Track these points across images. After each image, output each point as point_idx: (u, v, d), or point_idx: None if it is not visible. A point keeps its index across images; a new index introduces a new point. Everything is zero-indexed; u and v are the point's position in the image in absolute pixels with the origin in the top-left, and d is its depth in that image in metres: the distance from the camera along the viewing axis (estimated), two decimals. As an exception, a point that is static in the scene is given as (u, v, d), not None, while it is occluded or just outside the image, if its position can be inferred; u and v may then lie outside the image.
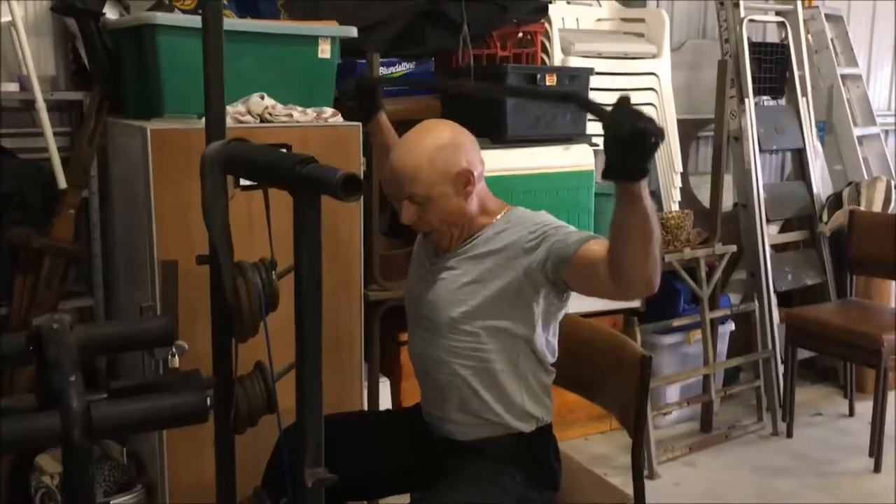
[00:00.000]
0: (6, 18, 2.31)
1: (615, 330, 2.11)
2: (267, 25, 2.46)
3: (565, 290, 1.74)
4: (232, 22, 2.41)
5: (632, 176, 1.38)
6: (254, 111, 2.31)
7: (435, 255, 1.83)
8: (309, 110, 2.43)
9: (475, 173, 1.74)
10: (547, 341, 1.80)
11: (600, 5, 3.55)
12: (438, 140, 1.73)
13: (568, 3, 3.49)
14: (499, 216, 1.80)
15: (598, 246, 1.58)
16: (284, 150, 2.19)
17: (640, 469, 1.83)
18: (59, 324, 1.41)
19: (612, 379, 1.91)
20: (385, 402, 2.79)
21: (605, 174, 1.38)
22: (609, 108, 1.34)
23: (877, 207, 3.65)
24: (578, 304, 3.08)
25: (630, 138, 1.30)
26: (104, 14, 2.44)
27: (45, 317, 1.44)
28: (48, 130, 2.43)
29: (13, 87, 2.53)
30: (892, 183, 3.77)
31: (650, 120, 1.31)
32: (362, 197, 2.54)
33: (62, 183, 2.47)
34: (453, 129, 1.77)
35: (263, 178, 1.43)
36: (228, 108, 2.30)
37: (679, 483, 2.99)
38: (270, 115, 2.33)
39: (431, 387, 1.84)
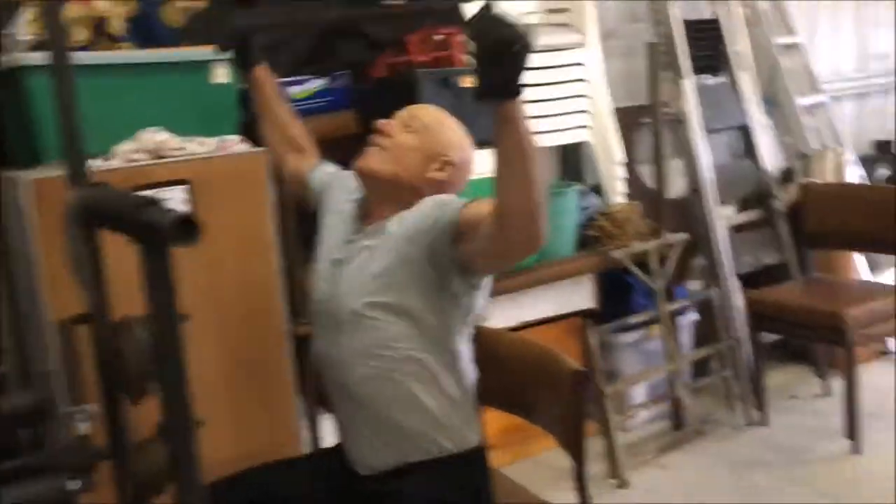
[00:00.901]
0: None
1: (548, 344, 1.95)
2: (150, 55, 2.31)
3: (470, 274, 1.59)
4: (112, 55, 2.26)
5: (501, 94, 1.25)
6: (145, 148, 2.15)
7: (352, 233, 1.72)
8: (210, 140, 2.28)
9: (448, 174, 1.71)
10: (461, 345, 1.66)
11: (523, -1, 3.42)
12: (463, 134, 1.77)
13: (490, -1, 3.36)
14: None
15: (486, 204, 1.48)
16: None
17: (586, 497, 1.69)
18: None
19: (548, 398, 1.77)
20: (330, 440, 2.63)
21: (475, 93, 1.26)
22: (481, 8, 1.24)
23: (829, 178, 3.53)
24: (528, 311, 3.00)
25: (494, 48, 1.20)
26: (-21, 60, 2.27)
27: None
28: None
29: None
30: (843, 152, 3.66)
31: (514, 26, 1.20)
32: (280, 227, 2.39)
33: (-49, 245, 2.29)
34: (469, 142, 1.78)
35: (114, 227, 1.27)
36: (118, 148, 2.15)
37: (652, 489, 2.84)
38: (165, 150, 2.17)
39: (342, 401, 1.70)
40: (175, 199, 2.11)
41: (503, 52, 1.20)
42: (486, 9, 1.22)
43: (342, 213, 1.81)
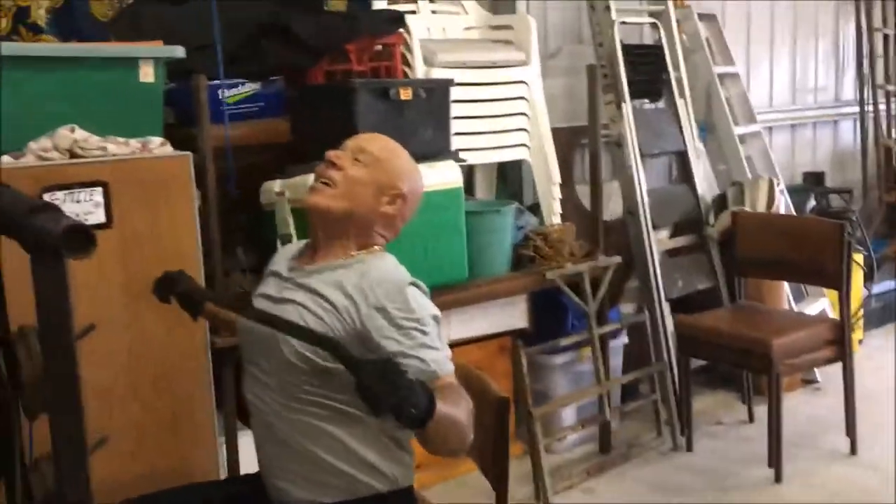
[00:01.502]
0: None
1: (478, 363, 1.92)
2: (75, 48, 2.21)
3: None
4: (31, 47, 2.15)
5: (415, 425, 1.33)
6: (60, 146, 2.04)
7: (290, 270, 1.66)
8: (132, 141, 2.18)
9: (398, 207, 1.66)
10: None
11: (467, 13, 3.39)
12: (412, 163, 1.73)
13: (433, 12, 3.33)
14: (368, 254, 1.63)
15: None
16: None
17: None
18: None
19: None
20: (249, 457, 2.53)
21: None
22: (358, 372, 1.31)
23: (761, 207, 3.57)
24: (460, 329, 2.96)
25: (391, 411, 1.29)
26: None
27: None
28: None
29: None
30: (775, 181, 3.72)
31: (396, 385, 1.28)
32: (204, 235, 2.31)
33: None
34: (418, 171, 1.75)
35: (5, 232, 1.18)
36: (31, 145, 2.04)
37: (576, 514, 2.82)
38: (82, 149, 2.06)
39: (268, 438, 1.63)
40: (90, 202, 2.00)
41: (398, 410, 1.28)
42: (365, 370, 1.31)
43: (287, 250, 1.78)
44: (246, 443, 2.53)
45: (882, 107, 5.11)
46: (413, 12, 3.14)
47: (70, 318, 1.08)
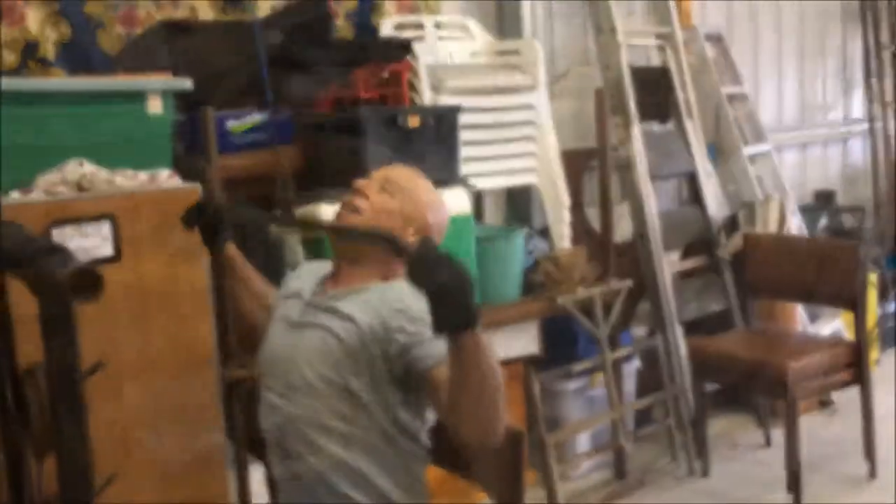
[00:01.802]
0: None
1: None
2: (83, 83, 2.21)
3: None
4: (39, 82, 2.16)
5: (453, 328, 1.26)
6: (69, 180, 2.03)
7: (314, 294, 1.66)
8: (141, 174, 2.18)
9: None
10: (412, 423, 1.59)
11: (474, 38, 3.39)
12: (438, 196, 1.74)
13: (440, 38, 3.33)
14: (390, 283, 1.63)
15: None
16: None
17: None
18: None
19: (485, 457, 1.68)
20: (261, 490, 2.50)
21: (433, 327, 1.28)
22: (416, 250, 1.28)
23: (772, 227, 3.55)
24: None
25: (437, 292, 1.22)
26: None
27: None
28: None
29: None
30: (786, 201, 3.69)
31: (451, 267, 1.22)
32: (213, 266, 2.30)
33: None
34: (444, 203, 1.76)
35: (12, 271, 1.17)
36: (40, 179, 2.04)
37: (592, 543, 2.78)
38: (90, 182, 2.06)
39: (285, 467, 1.62)
40: (98, 236, 2.00)
41: (446, 294, 1.23)
42: (422, 250, 1.28)
43: (311, 271, 1.77)
44: (257, 477, 2.51)
45: (891, 123, 5.08)
46: (420, 38, 3.15)
47: (77, 359, 1.07)
